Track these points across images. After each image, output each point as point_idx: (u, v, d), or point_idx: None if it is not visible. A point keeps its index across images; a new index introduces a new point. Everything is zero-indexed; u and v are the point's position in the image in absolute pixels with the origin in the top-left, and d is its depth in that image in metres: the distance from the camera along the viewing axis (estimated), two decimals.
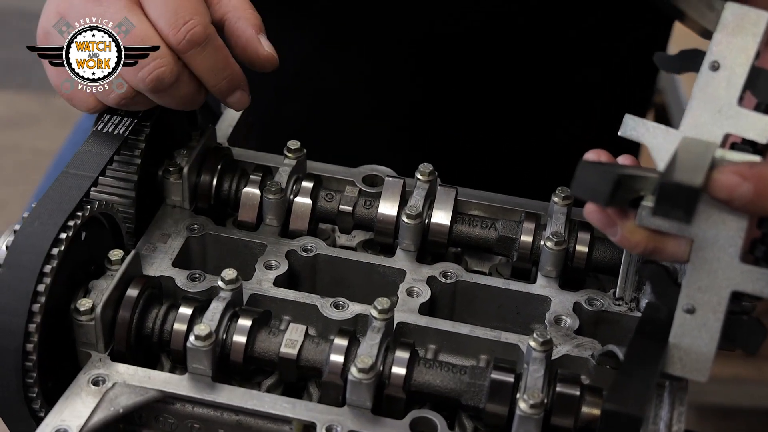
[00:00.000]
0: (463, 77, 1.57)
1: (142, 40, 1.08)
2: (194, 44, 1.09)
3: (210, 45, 1.11)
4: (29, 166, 3.51)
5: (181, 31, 1.08)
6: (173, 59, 1.09)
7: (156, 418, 1.09)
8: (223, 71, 1.14)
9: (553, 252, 1.19)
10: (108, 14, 1.09)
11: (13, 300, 1.02)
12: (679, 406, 1.04)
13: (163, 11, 1.08)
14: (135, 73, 1.08)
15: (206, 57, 1.11)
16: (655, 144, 1.03)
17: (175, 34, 1.08)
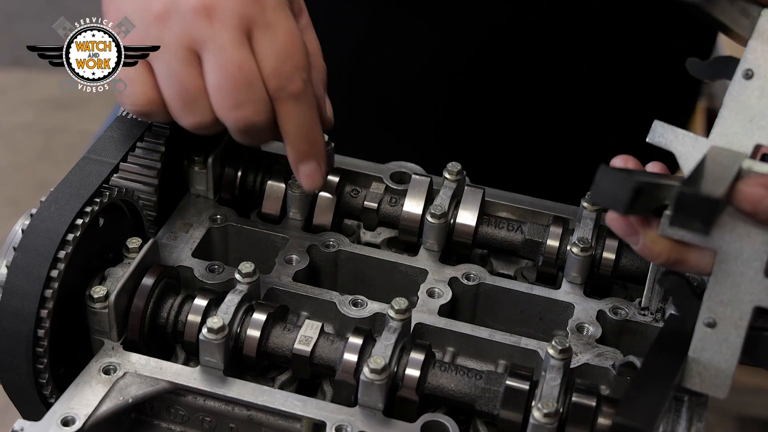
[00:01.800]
0: (499, 79, 1.55)
1: (243, 72, 1.04)
2: (292, 96, 1.07)
3: (305, 101, 1.08)
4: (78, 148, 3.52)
5: (284, 80, 1.06)
6: (269, 107, 1.07)
7: (167, 410, 1.08)
8: (308, 133, 1.11)
9: (578, 258, 1.16)
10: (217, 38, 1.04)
11: (25, 284, 1.02)
12: (697, 422, 1.01)
13: (274, 54, 1.06)
14: (229, 110, 1.05)
15: (297, 112, 1.08)
16: (683, 152, 1.01)
17: (278, 81, 1.06)
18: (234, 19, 1.04)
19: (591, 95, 1.60)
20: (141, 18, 1.06)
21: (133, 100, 1.07)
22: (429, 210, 1.19)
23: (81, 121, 3.64)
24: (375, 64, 1.57)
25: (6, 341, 1.03)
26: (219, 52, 1.04)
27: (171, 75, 1.05)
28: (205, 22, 1.04)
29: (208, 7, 1.04)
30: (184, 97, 1.05)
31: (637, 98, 1.62)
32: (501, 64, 1.54)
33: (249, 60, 1.04)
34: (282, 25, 1.06)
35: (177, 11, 1.04)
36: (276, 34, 1.06)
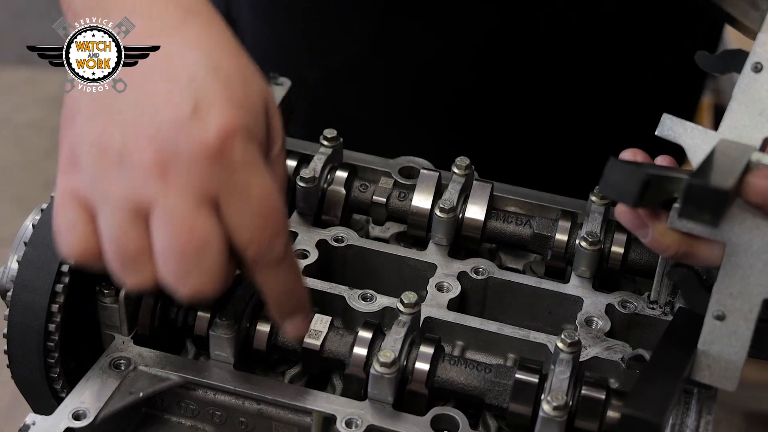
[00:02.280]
0: (506, 75, 1.55)
1: (193, 239, 0.90)
2: (273, 263, 0.95)
3: (286, 262, 0.96)
4: None
5: (263, 249, 0.94)
6: (222, 275, 0.93)
7: (178, 404, 1.09)
8: (291, 293, 0.99)
9: (587, 252, 1.16)
10: (169, 199, 0.90)
11: (36, 278, 1.02)
12: (706, 414, 1.01)
13: (249, 222, 0.92)
14: (176, 279, 0.92)
15: (279, 277, 0.97)
16: (692, 145, 1.01)
17: (257, 251, 0.93)
18: (192, 184, 0.90)
19: (597, 90, 1.60)
20: (91, 160, 0.92)
21: (68, 249, 0.94)
22: (438, 204, 1.19)
23: None
24: (384, 61, 1.57)
25: (17, 336, 1.03)
26: (168, 215, 0.90)
27: (112, 232, 0.92)
28: (158, 182, 0.90)
29: (163, 165, 0.90)
30: (124, 258, 0.92)
31: (643, 93, 1.62)
32: (508, 60, 1.54)
33: (203, 225, 0.91)
34: (255, 187, 0.92)
35: (128, 164, 0.91)
36: (249, 200, 0.92)
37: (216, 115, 0.91)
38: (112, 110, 0.94)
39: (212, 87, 0.93)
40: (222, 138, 0.90)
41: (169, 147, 0.90)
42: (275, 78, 1.37)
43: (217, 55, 0.96)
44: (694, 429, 1.01)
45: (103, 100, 0.95)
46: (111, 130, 0.92)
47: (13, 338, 1.04)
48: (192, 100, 0.91)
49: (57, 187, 0.96)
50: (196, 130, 0.90)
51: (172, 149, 0.90)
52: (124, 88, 0.97)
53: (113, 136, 0.92)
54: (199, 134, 0.90)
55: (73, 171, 0.94)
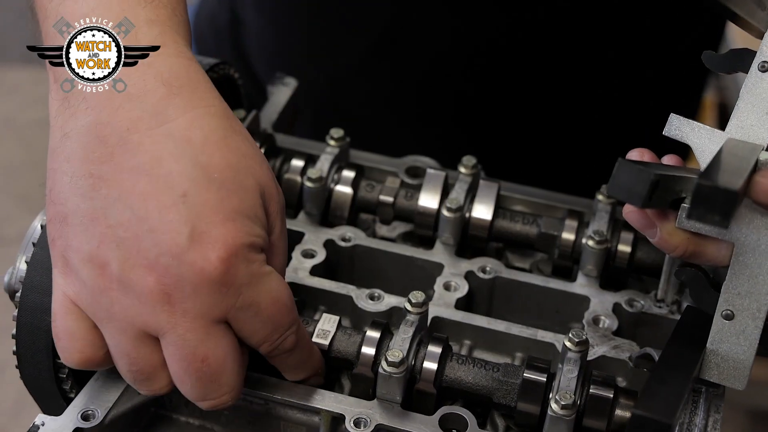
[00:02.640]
0: (511, 75, 1.55)
1: (209, 367, 0.93)
2: (284, 353, 1.00)
3: (299, 345, 1.01)
4: None
5: (276, 344, 0.98)
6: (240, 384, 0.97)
7: (186, 403, 1.09)
8: (305, 366, 1.04)
9: (594, 251, 1.16)
10: (178, 327, 0.92)
11: (45, 279, 1.02)
12: (714, 413, 1.01)
13: (261, 329, 0.96)
14: (195, 400, 0.96)
15: (293, 359, 1.01)
16: (699, 144, 1.01)
17: (270, 347, 0.98)
18: (199, 311, 0.92)
19: (601, 89, 1.60)
20: (89, 274, 0.92)
21: (69, 357, 0.96)
22: (445, 204, 1.20)
23: None
24: (390, 60, 1.57)
25: (26, 336, 1.04)
26: (180, 343, 0.92)
27: (122, 351, 0.94)
28: (164, 310, 0.91)
29: (167, 295, 0.91)
30: (137, 375, 0.95)
31: (646, 91, 1.62)
32: (512, 59, 1.54)
33: (217, 351, 0.93)
34: (262, 300, 0.95)
35: (131, 289, 0.91)
36: (259, 310, 0.95)
37: (214, 240, 0.91)
38: (107, 220, 0.92)
39: (206, 201, 0.92)
40: (224, 263, 0.91)
41: (170, 276, 0.90)
42: (281, 78, 1.37)
43: (207, 153, 0.94)
44: (703, 428, 1.01)
45: (96, 201, 0.93)
46: (108, 247, 0.91)
47: (22, 339, 1.04)
48: (188, 223, 0.91)
49: (54, 285, 0.96)
50: (197, 259, 0.90)
51: (173, 279, 0.90)
52: (124, 88, 0.97)
53: (111, 254, 0.91)
54: (200, 263, 0.90)
55: (70, 276, 0.94)
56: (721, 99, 2.96)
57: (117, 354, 0.94)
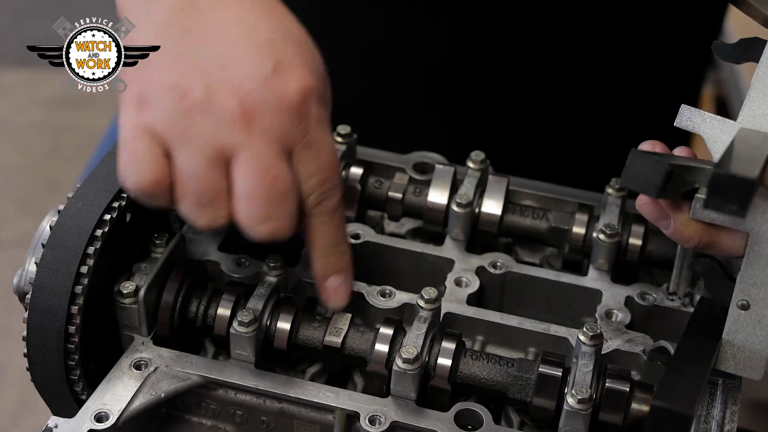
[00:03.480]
0: (517, 67, 1.55)
1: (278, 184, 0.99)
2: (328, 212, 1.04)
3: (338, 215, 1.06)
4: (87, 146, 3.51)
5: (322, 196, 1.03)
6: (296, 222, 1.02)
7: (198, 404, 1.08)
8: (338, 246, 1.07)
9: (605, 244, 1.16)
10: (254, 146, 0.98)
11: (56, 280, 1.02)
12: (731, 405, 1.01)
13: (317, 171, 1.02)
14: (256, 222, 1.00)
15: (331, 226, 1.05)
16: (711, 135, 1.00)
17: (318, 197, 1.03)
18: (275, 134, 0.99)
19: (604, 83, 1.59)
20: (168, 102, 0.98)
21: (138, 177, 0.98)
22: (454, 199, 1.19)
23: (89, 119, 3.64)
24: (392, 55, 1.56)
25: (37, 338, 1.03)
26: (255, 160, 0.98)
27: (192, 171, 0.98)
28: (242, 130, 0.98)
29: (247, 115, 0.98)
30: (202, 198, 0.99)
31: (645, 85, 1.62)
32: (516, 53, 1.53)
33: (286, 173, 1.00)
34: (325, 142, 1.03)
35: (212, 110, 0.98)
36: (320, 152, 1.02)
37: (295, 76, 1.00)
38: (191, 58, 1.00)
39: (289, 50, 1.02)
40: (301, 96, 1.00)
41: (252, 99, 0.98)
42: None
43: (287, 21, 1.05)
44: (720, 420, 1.00)
45: (179, 47, 1.01)
46: (191, 77, 0.99)
47: (32, 341, 1.03)
48: (272, 59, 1.00)
49: (123, 121, 1.00)
50: (278, 87, 0.99)
51: (255, 101, 0.98)
52: (124, 88, 1.03)
53: (194, 82, 0.99)
54: (281, 91, 0.99)
55: (145, 109, 0.99)
56: (718, 92, 2.96)
57: (187, 176, 0.98)
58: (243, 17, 1.03)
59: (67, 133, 3.64)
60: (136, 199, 1.02)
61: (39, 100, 3.75)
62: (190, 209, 1.00)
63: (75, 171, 3.43)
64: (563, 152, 1.63)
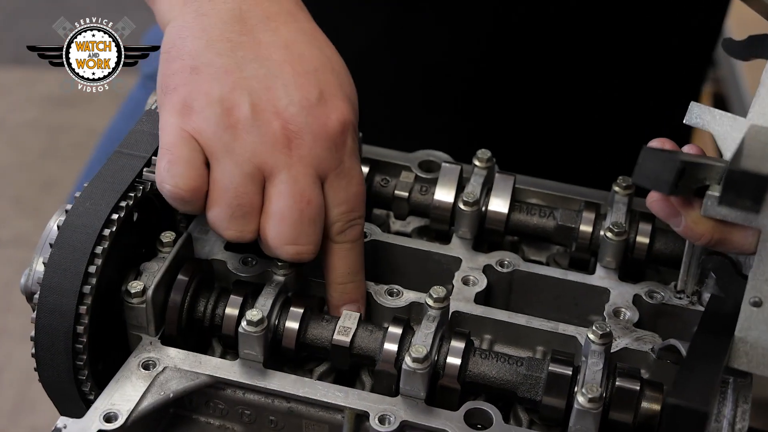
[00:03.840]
0: (522, 65, 1.54)
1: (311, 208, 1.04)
2: (350, 242, 1.09)
3: (359, 245, 1.10)
4: (83, 145, 3.51)
5: (347, 225, 1.08)
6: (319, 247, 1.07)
7: (206, 404, 1.08)
8: (356, 276, 1.11)
9: (613, 242, 1.16)
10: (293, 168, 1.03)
11: (64, 280, 1.01)
12: (743, 403, 1.00)
13: (346, 201, 1.07)
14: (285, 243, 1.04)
15: (351, 256, 1.10)
16: (721, 132, 1.00)
17: (342, 226, 1.08)
18: (313, 160, 1.04)
19: (605, 81, 1.59)
20: (214, 113, 1.02)
21: (176, 182, 1.02)
22: (461, 198, 1.19)
23: (85, 118, 3.63)
24: (393, 54, 1.56)
25: (45, 338, 1.02)
26: (292, 181, 1.03)
27: (230, 184, 1.02)
28: (283, 151, 1.03)
29: (289, 138, 1.03)
30: (236, 210, 1.03)
31: (646, 83, 1.62)
32: (517, 54, 1.53)
33: (318, 199, 1.04)
34: (355, 173, 1.08)
35: (257, 128, 1.03)
36: (351, 182, 1.07)
37: (336, 107, 1.06)
38: (239, 75, 1.04)
39: (332, 81, 1.07)
40: (341, 127, 1.05)
41: (296, 124, 1.03)
42: None
43: (328, 50, 1.10)
44: (731, 419, 1.00)
45: (228, 62, 1.04)
46: (240, 93, 1.03)
47: (41, 341, 1.03)
48: (317, 88, 1.05)
49: (165, 125, 1.04)
50: (320, 115, 1.04)
51: (298, 126, 1.03)
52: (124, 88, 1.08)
53: (242, 99, 1.03)
54: (323, 119, 1.04)
55: (190, 116, 1.02)
56: (716, 89, 2.96)
57: (224, 187, 1.02)
58: (291, 42, 1.07)
59: (63, 132, 3.63)
60: (170, 202, 1.04)
61: (35, 99, 3.74)
62: (221, 219, 1.03)
63: (71, 170, 3.42)
64: (564, 151, 1.63)
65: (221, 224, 1.03)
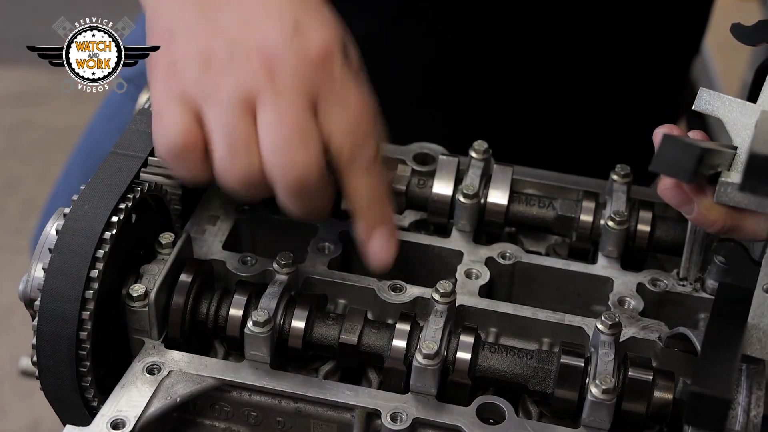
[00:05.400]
0: (517, 56, 1.54)
1: (300, 128, 1.00)
2: (363, 167, 1.04)
3: (375, 169, 1.05)
4: (44, 143, 3.47)
5: (355, 151, 1.03)
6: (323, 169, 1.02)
7: (211, 407, 1.06)
8: (378, 203, 1.06)
9: (615, 231, 1.15)
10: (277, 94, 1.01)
11: (66, 286, 0.99)
12: (757, 390, 1.00)
13: (344, 126, 1.03)
14: (281, 167, 1.00)
15: (368, 182, 1.05)
16: (731, 118, 0.99)
17: (349, 153, 1.03)
18: (297, 85, 1.01)
19: (598, 76, 1.59)
20: (196, 66, 1.02)
21: (168, 140, 1.02)
22: (460, 190, 1.17)
23: (45, 116, 3.58)
24: (391, 48, 1.54)
25: (47, 345, 1.00)
26: (278, 110, 1.00)
27: (222, 125, 1.01)
28: (267, 82, 1.01)
29: (271, 68, 1.01)
30: (234, 145, 1.01)
31: (642, 75, 1.62)
32: (511, 50, 1.53)
33: (307, 120, 1.01)
34: (350, 95, 1.04)
35: (236, 67, 1.02)
36: (347, 106, 1.03)
37: (317, 31, 1.03)
38: (214, 26, 1.04)
39: (308, 11, 1.05)
40: (323, 52, 1.02)
41: (275, 55, 1.01)
42: None
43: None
44: (746, 405, 0.99)
45: (201, 18, 1.04)
46: (216, 40, 1.03)
47: (43, 348, 1.00)
48: (292, 19, 1.03)
49: (154, 93, 1.04)
50: (299, 44, 1.02)
51: (278, 57, 1.01)
52: (124, 88, 1.09)
53: (218, 45, 1.02)
54: (302, 47, 1.02)
55: (174, 77, 1.03)
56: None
57: (217, 130, 1.01)
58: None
59: (22, 130, 3.57)
60: (170, 164, 1.03)
61: (8, 98, 3.67)
62: (225, 163, 1.01)
63: (33, 169, 3.38)
64: (557, 142, 1.63)
65: (226, 169, 1.01)
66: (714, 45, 2.38)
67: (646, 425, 1.04)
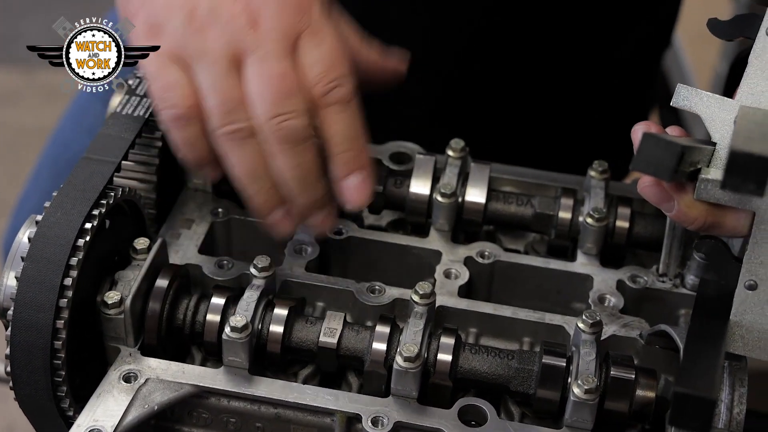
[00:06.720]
0: (492, 52, 1.53)
1: (285, 82, 1.03)
2: (338, 103, 1.06)
3: (351, 108, 1.07)
4: (14, 144, 3.43)
5: (329, 86, 1.05)
6: (309, 118, 1.05)
7: (189, 414, 1.05)
8: (354, 141, 1.07)
9: (593, 228, 1.14)
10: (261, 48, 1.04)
11: (39, 295, 0.97)
12: (740, 387, 0.99)
13: (320, 62, 1.06)
14: (269, 118, 1.03)
15: (343, 119, 1.06)
16: (709, 114, 0.98)
17: (324, 87, 1.05)
18: (279, 31, 1.04)
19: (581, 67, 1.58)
20: (181, 26, 1.05)
21: (174, 105, 1.04)
22: (437, 189, 1.16)
23: (13, 116, 3.54)
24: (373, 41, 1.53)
25: (21, 355, 0.98)
26: (261, 62, 1.03)
27: (214, 83, 1.03)
28: (250, 32, 1.04)
29: (253, 18, 1.04)
30: (226, 105, 1.03)
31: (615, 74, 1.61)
32: (494, 37, 1.51)
33: (291, 71, 1.04)
34: (328, 33, 1.07)
35: (220, 21, 1.04)
36: (322, 42, 1.06)
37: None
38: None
39: None
40: None
41: (255, 2, 1.04)
42: None
43: None
44: (729, 403, 0.99)
45: None
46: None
47: (17, 358, 0.99)
48: None
49: None
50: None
51: (259, 3, 1.04)
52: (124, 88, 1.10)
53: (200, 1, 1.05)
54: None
55: (159, 34, 1.05)
56: None
57: (210, 88, 1.03)
58: None
59: None
60: (173, 129, 1.06)
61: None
62: (221, 120, 1.03)
63: (4, 169, 3.34)
64: (533, 139, 1.62)
65: (221, 126, 1.03)
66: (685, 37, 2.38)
67: (629, 424, 1.03)
